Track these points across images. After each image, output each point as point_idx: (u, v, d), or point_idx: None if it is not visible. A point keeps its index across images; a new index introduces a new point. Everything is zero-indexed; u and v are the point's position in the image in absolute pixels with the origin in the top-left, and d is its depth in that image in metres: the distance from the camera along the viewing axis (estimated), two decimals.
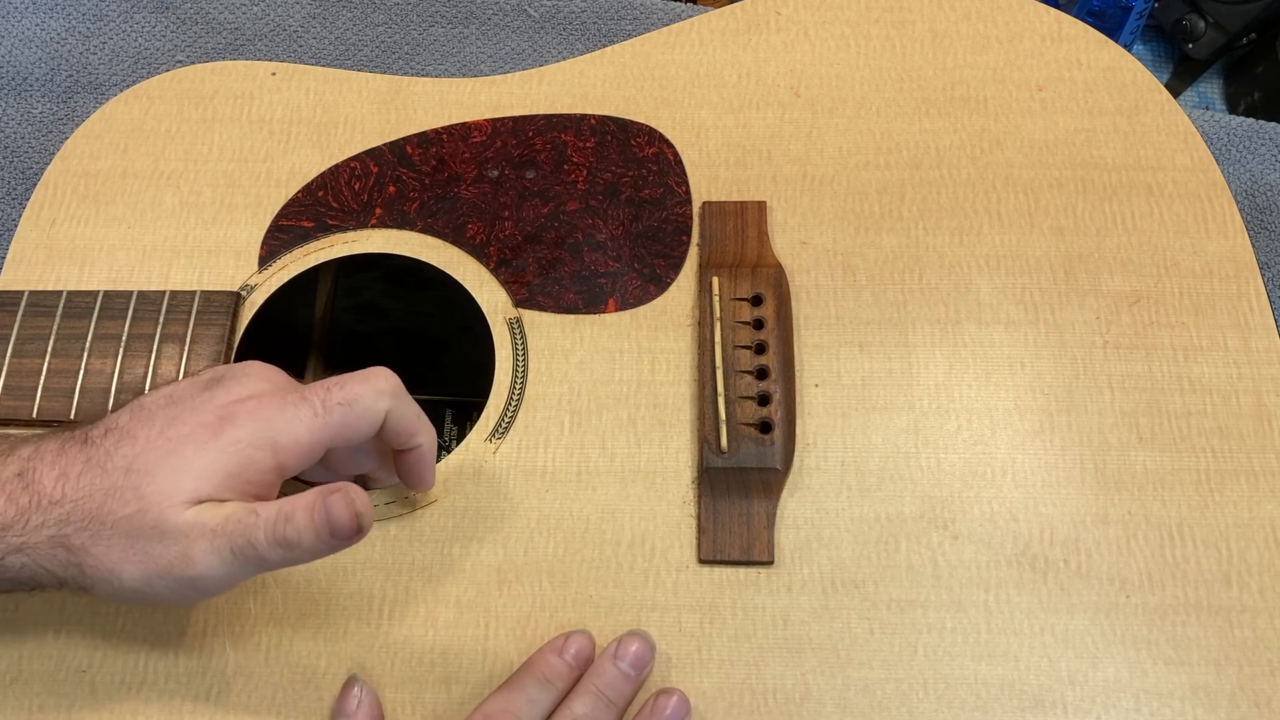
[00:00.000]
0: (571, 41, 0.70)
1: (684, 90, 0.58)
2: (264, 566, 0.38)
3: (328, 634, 0.45)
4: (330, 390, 0.40)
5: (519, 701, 0.41)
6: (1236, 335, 0.50)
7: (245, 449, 0.38)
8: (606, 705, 0.41)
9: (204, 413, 0.38)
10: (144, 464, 0.37)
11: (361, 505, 0.37)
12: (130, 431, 0.38)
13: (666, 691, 0.42)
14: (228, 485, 0.38)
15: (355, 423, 0.40)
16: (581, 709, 0.41)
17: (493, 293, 0.52)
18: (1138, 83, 0.57)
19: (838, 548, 0.46)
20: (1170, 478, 0.47)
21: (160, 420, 0.39)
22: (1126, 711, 0.43)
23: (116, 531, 0.37)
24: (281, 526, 0.37)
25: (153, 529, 0.37)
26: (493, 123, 0.57)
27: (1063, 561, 0.45)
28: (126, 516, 0.37)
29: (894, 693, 0.43)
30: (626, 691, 0.42)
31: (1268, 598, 0.45)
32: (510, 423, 0.49)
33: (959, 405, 0.49)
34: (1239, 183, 0.65)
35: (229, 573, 0.37)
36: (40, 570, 0.38)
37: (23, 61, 0.68)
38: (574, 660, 0.43)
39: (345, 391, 0.40)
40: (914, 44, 0.58)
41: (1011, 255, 0.52)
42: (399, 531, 0.47)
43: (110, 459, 0.38)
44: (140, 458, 0.37)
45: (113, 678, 0.44)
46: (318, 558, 0.38)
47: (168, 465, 0.37)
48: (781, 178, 0.55)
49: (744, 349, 0.49)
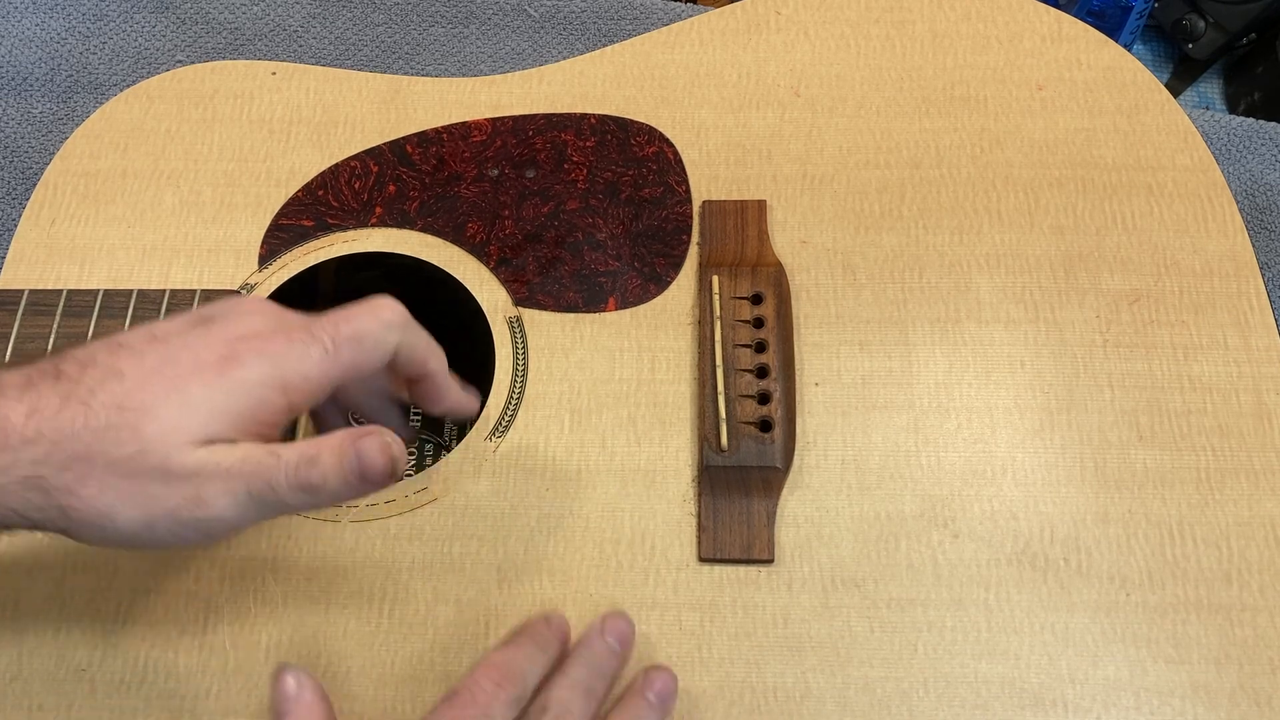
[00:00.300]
0: (571, 41, 0.70)
1: (684, 90, 0.58)
2: (282, 510, 0.36)
3: (328, 633, 0.44)
4: (339, 326, 0.38)
5: (520, 660, 0.41)
6: (1236, 334, 0.50)
7: (255, 388, 0.36)
8: (599, 676, 0.42)
9: (204, 350, 0.36)
10: (139, 402, 0.35)
11: (397, 450, 0.37)
12: (114, 368, 0.36)
13: (656, 668, 0.43)
14: (238, 425, 0.36)
15: (366, 358, 0.39)
16: (579, 674, 0.41)
17: (493, 291, 0.52)
18: (1138, 82, 0.57)
19: (838, 546, 0.46)
20: (1170, 476, 0.47)
21: (151, 357, 0.36)
22: (1127, 710, 0.43)
23: (111, 473, 0.34)
24: (306, 470, 0.36)
25: (157, 470, 0.35)
26: (493, 122, 0.57)
27: (1063, 560, 0.45)
28: (126, 457, 0.34)
29: (894, 691, 0.43)
30: (614, 667, 0.42)
31: (1268, 596, 0.45)
32: (510, 421, 0.49)
33: (959, 404, 0.49)
34: (1239, 183, 0.65)
35: (242, 515, 0.36)
36: (9, 513, 0.35)
37: (23, 61, 0.68)
38: (559, 634, 0.43)
39: (353, 326, 0.38)
40: (914, 44, 0.58)
41: (1011, 254, 0.52)
42: (399, 530, 0.47)
43: (94, 396, 0.35)
44: (133, 395, 0.35)
45: (113, 678, 0.44)
46: (340, 502, 0.37)
47: (170, 403, 0.35)
48: (781, 177, 0.55)
49: (744, 347, 0.49)
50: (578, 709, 0.40)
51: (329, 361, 0.37)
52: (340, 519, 0.47)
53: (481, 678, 0.39)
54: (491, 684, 0.39)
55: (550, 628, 0.43)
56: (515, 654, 0.41)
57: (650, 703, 0.42)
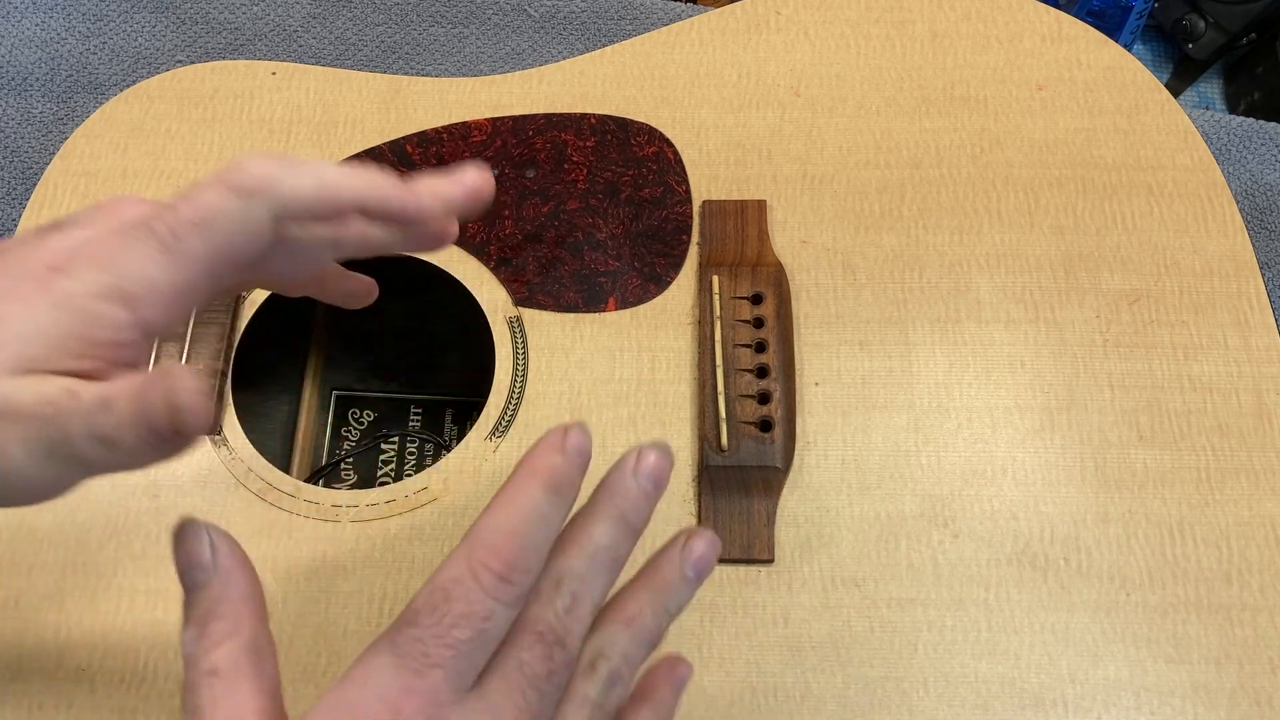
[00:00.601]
0: (571, 41, 0.70)
1: (684, 90, 0.58)
2: (89, 469, 0.29)
3: (328, 633, 0.45)
4: (179, 210, 0.30)
5: (530, 520, 0.30)
6: (1236, 334, 0.50)
7: (85, 301, 0.29)
8: (628, 533, 0.32)
9: (32, 261, 0.30)
10: None
11: (186, 398, 0.27)
12: None
13: (697, 533, 0.33)
14: (69, 350, 0.29)
15: (227, 243, 0.30)
16: (603, 538, 0.31)
17: (493, 291, 0.52)
18: (1138, 82, 0.57)
19: (838, 546, 0.46)
20: (1170, 476, 0.47)
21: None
22: (1127, 709, 0.43)
23: None
24: (99, 417, 0.28)
25: None
26: (493, 122, 0.57)
27: (1063, 560, 0.45)
28: None
29: (894, 690, 0.43)
30: (646, 514, 0.32)
31: (1268, 596, 0.45)
32: (510, 421, 0.49)
33: (959, 404, 0.49)
34: (1239, 183, 0.65)
35: (42, 472, 0.28)
36: None
37: (23, 61, 0.68)
38: (578, 459, 0.31)
39: (195, 206, 0.30)
40: (914, 44, 0.58)
41: (1011, 254, 0.52)
42: (399, 530, 0.47)
43: None
44: None
45: (113, 678, 0.44)
46: (146, 465, 0.29)
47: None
48: (782, 177, 0.55)
49: (744, 347, 0.49)
50: (598, 585, 0.31)
51: (173, 258, 0.30)
52: (340, 519, 0.47)
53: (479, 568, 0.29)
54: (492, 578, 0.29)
55: (568, 456, 0.31)
56: (520, 515, 0.30)
57: (687, 579, 0.33)
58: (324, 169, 0.33)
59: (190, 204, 0.30)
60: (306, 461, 0.59)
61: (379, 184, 0.34)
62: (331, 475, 0.59)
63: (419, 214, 0.35)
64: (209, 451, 0.49)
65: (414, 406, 0.62)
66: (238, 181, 0.30)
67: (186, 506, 0.47)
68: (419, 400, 0.62)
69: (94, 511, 0.47)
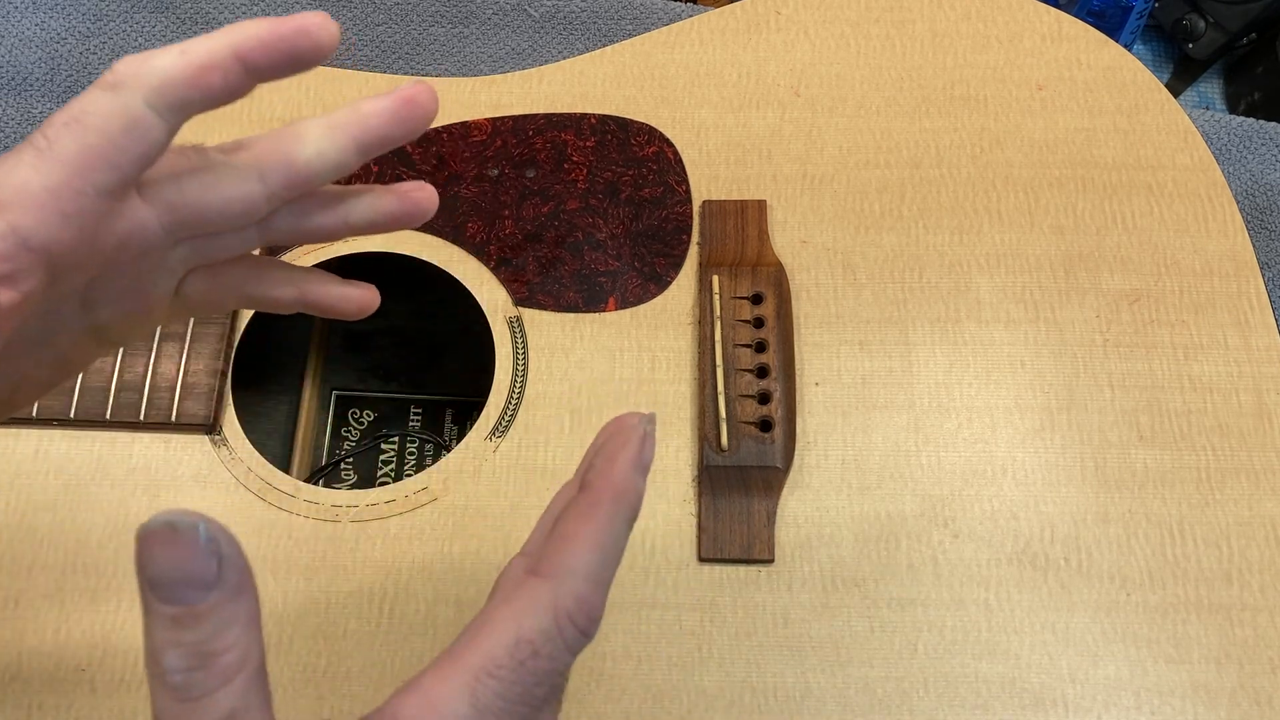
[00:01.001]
0: (571, 41, 0.70)
1: (684, 89, 0.58)
2: None
3: (328, 632, 0.44)
4: (55, 115, 0.29)
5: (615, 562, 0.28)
6: (1237, 333, 0.50)
7: None
8: None
9: None
10: None
11: None
12: None
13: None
14: None
15: (101, 140, 0.28)
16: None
17: (493, 291, 0.52)
18: (1138, 82, 0.57)
19: (838, 546, 0.46)
20: (1171, 476, 0.47)
21: None
22: (1127, 709, 0.43)
23: None
24: None
25: None
26: (493, 122, 0.57)
27: (1063, 560, 0.45)
28: None
29: (894, 691, 0.43)
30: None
31: (1268, 595, 0.45)
32: (510, 421, 0.49)
33: (959, 404, 0.49)
34: (1239, 183, 0.65)
35: None
36: None
37: (23, 61, 0.68)
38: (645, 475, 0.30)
39: (68, 109, 0.28)
40: (914, 43, 0.58)
41: (1011, 254, 0.52)
42: (399, 530, 0.47)
43: None
44: None
45: (113, 678, 0.44)
46: None
47: None
48: (782, 177, 0.55)
49: (744, 347, 0.49)
50: None
51: (48, 160, 0.28)
52: (340, 519, 0.47)
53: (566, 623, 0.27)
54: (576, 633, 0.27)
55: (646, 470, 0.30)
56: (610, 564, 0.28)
57: None
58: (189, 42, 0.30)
59: (64, 109, 0.28)
60: (306, 461, 0.59)
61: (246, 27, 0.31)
62: (331, 475, 0.59)
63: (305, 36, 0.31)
64: (209, 451, 0.49)
65: (414, 406, 0.62)
66: (107, 79, 0.29)
67: (186, 506, 0.47)
68: (419, 400, 0.62)
69: (94, 511, 0.47)
